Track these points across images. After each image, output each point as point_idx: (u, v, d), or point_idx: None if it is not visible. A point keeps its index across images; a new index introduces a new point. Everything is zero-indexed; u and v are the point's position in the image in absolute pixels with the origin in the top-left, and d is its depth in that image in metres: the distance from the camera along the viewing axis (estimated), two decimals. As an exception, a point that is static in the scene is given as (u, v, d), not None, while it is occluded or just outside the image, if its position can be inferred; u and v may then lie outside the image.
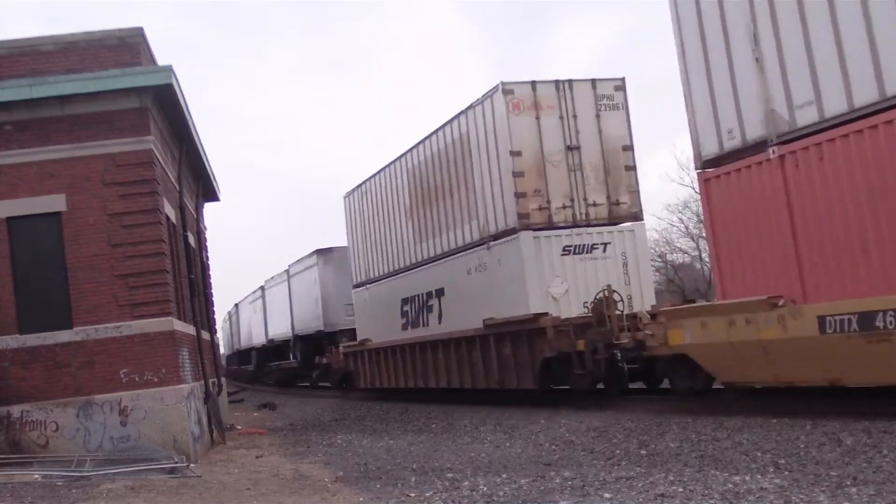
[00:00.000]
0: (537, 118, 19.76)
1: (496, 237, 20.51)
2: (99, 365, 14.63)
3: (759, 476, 9.35)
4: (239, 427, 21.95)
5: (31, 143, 14.85)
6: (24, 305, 14.73)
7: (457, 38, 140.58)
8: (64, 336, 14.69)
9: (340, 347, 31.67)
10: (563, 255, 19.57)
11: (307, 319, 38.30)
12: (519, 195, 19.50)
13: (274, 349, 46.26)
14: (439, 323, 23.85)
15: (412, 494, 9.91)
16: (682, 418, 14.59)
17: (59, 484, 12.40)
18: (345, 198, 31.56)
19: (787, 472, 9.49)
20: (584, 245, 19.80)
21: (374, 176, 28.55)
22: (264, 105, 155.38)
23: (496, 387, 20.91)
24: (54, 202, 14.84)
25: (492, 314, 20.34)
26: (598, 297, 18.09)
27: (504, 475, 10.81)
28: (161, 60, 17.11)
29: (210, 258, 24.62)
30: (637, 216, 20.48)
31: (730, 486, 8.88)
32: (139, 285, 14.79)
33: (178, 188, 18.19)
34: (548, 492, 9.40)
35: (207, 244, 24.53)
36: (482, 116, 20.69)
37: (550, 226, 19.69)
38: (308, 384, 42.24)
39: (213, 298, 24.47)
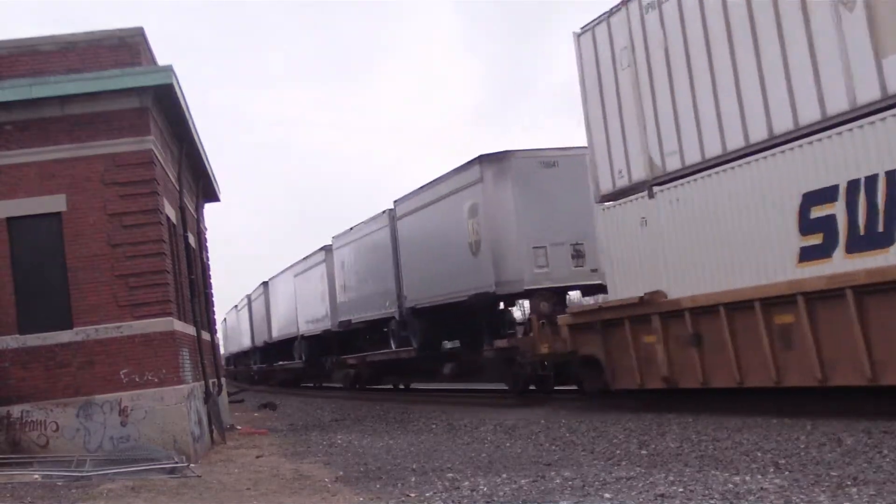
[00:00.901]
0: None
1: None
2: (99, 365, 14.62)
3: (759, 476, 9.34)
4: (239, 427, 21.96)
5: (31, 143, 14.83)
6: (25, 305, 14.72)
7: (457, 39, 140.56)
8: (64, 336, 14.67)
9: (562, 318, 19.12)
10: None
11: (443, 280, 24.39)
12: None
13: (346, 335, 33.05)
14: None
15: (412, 494, 9.91)
16: (682, 418, 14.60)
17: (59, 484, 12.40)
18: (578, 37, 18.48)
19: (787, 472, 9.49)
20: None
21: None
22: (264, 105, 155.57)
23: None
24: (54, 202, 14.82)
25: None
26: None
27: (504, 475, 10.80)
28: (161, 60, 17.11)
29: (210, 258, 24.65)
30: None
31: (730, 486, 8.87)
32: (139, 285, 14.78)
33: (178, 188, 18.18)
34: (548, 492, 9.39)
35: (207, 244, 24.54)
36: None
37: None
38: (392, 386, 30.35)
39: (214, 298, 24.49)
